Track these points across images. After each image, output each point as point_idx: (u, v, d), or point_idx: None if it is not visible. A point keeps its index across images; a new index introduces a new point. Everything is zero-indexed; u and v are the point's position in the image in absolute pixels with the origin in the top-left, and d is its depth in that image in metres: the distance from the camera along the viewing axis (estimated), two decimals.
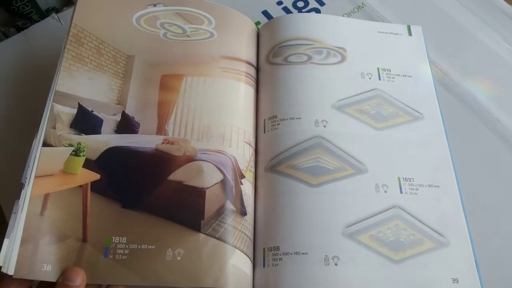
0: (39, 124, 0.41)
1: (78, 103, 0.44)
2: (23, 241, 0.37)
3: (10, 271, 0.35)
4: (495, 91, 0.54)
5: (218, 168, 0.42)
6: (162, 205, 0.40)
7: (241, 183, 0.43)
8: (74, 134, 0.43)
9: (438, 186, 0.45)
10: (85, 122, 0.44)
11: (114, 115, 0.45)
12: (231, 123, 0.45)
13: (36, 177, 0.39)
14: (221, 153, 0.43)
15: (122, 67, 0.47)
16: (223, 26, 0.51)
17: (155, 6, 0.51)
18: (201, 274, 0.38)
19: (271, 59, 0.51)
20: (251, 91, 0.49)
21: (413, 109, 0.49)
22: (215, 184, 0.42)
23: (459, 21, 0.59)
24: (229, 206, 0.41)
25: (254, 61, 0.52)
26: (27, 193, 0.38)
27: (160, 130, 0.45)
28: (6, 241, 0.36)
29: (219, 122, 0.45)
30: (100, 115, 0.45)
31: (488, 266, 0.41)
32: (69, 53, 0.46)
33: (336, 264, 0.40)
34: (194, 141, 0.44)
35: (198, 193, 0.41)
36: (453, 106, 0.52)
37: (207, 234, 0.39)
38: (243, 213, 0.42)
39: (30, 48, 0.57)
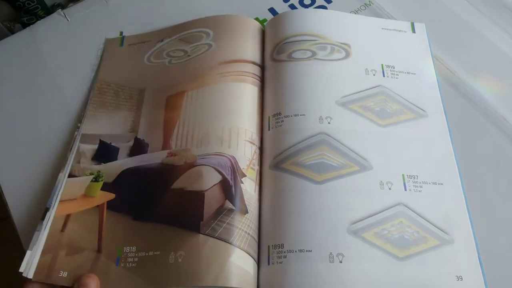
0: (66, 160, 0.47)
1: (100, 139, 0.49)
2: (43, 253, 0.41)
3: (30, 276, 0.39)
4: (502, 89, 0.53)
5: (217, 170, 0.43)
6: (167, 213, 0.42)
7: (242, 182, 0.43)
8: (95, 164, 0.47)
9: (442, 184, 0.44)
10: (105, 153, 0.48)
11: (128, 141, 0.48)
12: (230, 125, 0.46)
13: (60, 201, 0.44)
14: (220, 155, 0.44)
15: (136, 101, 0.51)
16: (221, 34, 0.52)
17: (162, 41, 0.55)
18: (201, 273, 0.38)
19: (275, 56, 0.51)
20: (253, 90, 0.49)
21: (417, 107, 0.48)
22: (213, 185, 0.42)
23: (466, 19, 0.59)
24: (229, 205, 0.42)
25: (258, 60, 0.51)
26: (51, 215, 0.43)
27: (166, 145, 0.47)
28: (28, 253, 0.40)
29: (217, 126, 0.46)
30: (117, 144, 0.48)
31: (492, 264, 0.41)
32: (94, 103, 0.52)
33: (340, 262, 0.39)
34: (194, 148, 0.45)
35: (198, 196, 0.42)
36: (460, 104, 0.52)
37: (206, 234, 0.40)
38: (244, 211, 0.42)
39: (36, 43, 0.58)
